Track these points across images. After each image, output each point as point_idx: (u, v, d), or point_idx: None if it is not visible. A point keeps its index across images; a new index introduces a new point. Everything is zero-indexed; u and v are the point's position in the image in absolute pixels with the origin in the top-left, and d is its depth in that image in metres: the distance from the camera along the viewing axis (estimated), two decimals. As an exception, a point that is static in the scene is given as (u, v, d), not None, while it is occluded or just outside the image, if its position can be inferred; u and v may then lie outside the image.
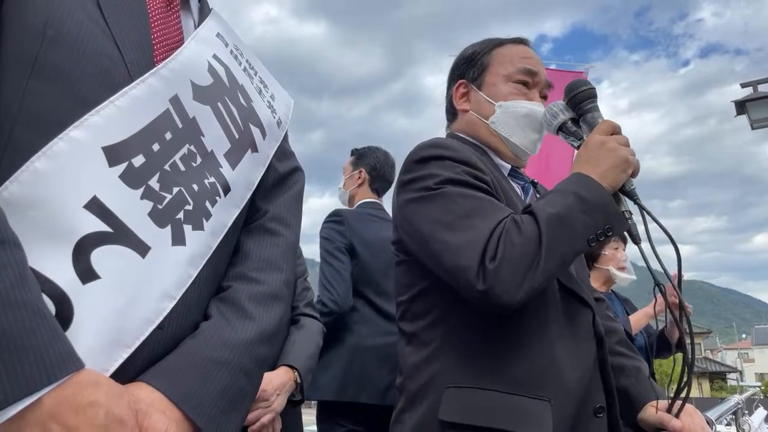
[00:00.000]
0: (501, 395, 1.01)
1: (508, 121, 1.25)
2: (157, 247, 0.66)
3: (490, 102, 1.28)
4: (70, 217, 0.59)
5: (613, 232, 1.01)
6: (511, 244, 0.96)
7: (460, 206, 1.04)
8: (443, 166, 1.10)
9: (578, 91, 1.14)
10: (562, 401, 1.01)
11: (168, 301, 0.67)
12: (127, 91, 0.67)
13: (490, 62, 1.31)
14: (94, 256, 0.60)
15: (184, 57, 0.75)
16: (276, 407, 1.47)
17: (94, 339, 0.59)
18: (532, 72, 1.28)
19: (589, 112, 1.13)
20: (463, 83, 1.34)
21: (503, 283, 0.94)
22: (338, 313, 2.18)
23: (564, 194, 1.01)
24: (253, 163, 0.84)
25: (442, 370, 1.07)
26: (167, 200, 0.69)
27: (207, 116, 0.76)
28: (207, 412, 0.65)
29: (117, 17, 0.71)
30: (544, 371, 1.03)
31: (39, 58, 0.62)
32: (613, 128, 1.08)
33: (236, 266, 0.81)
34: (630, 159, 1.04)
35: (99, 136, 0.63)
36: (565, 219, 0.98)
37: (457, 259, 0.99)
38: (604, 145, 1.05)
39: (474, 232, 0.99)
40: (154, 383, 0.63)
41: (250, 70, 0.90)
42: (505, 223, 1.00)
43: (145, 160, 0.67)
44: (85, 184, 0.61)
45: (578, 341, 1.09)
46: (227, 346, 0.70)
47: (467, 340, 1.07)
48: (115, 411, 0.54)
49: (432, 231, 1.05)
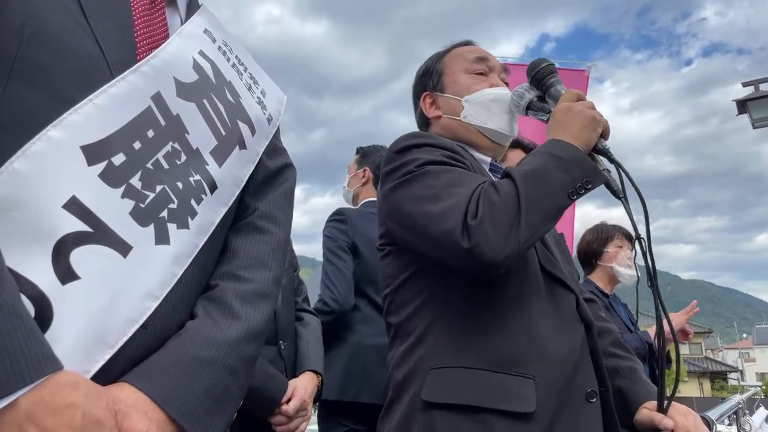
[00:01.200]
0: (483, 373, 1.01)
1: (478, 110, 1.28)
2: (139, 247, 0.65)
3: (456, 99, 1.32)
4: (49, 217, 0.58)
5: (592, 185, 1.03)
6: (490, 201, 0.98)
7: (441, 180, 1.06)
8: (423, 151, 1.13)
9: (538, 68, 1.19)
10: (547, 379, 1.01)
11: (151, 300, 0.67)
12: (107, 89, 0.66)
13: (444, 66, 1.38)
14: (73, 256, 0.59)
15: (166, 54, 0.74)
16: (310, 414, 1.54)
17: (74, 339, 0.58)
18: (483, 58, 1.34)
19: (552, 86, 1.18)
20: (427, 94, 1.39)
21: (488, 238, 0.95)
22: (339, 312, 2.17)
23: (538, 155, 1.05)
24: (242, 160, 0.83)
25: (426, 354, 1.08)
26: (150, 199, 0.68)
27: (192, 113, 0.75)
28: (191, 413, 0.64)
29: (99, 16, 0.70)
30: (525, 348, 1.03)
31: (17, 59, 0.61)
32: (578, 95, 1.12)
33: (224, 264, 0.80)
34: (597, 118, 1.07)
35: (77, 135, 0.62)
36: (541, 174, 1.00)
37: (440, 224, 1.00)
38: (571, 110, 1.09)
39: (455, 198, 1.02)
40: (136, 383, 0.63)
41: (240, 66, 0.89)
42: (482, 185, 1.02)
43: (125, 159, 0.66)
44: (63, 184, 0.60)
45: (562, 322, 1.10)
46: (213, 345, 0.69)
47: (449, 322, 1.08)
48: (92, 412, 0.54)
49: (416, 207, 1.07)
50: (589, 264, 2.95)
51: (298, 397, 1.48)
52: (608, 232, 2.90)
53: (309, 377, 1.58)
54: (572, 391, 1.04)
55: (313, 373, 1.60)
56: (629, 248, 2.92)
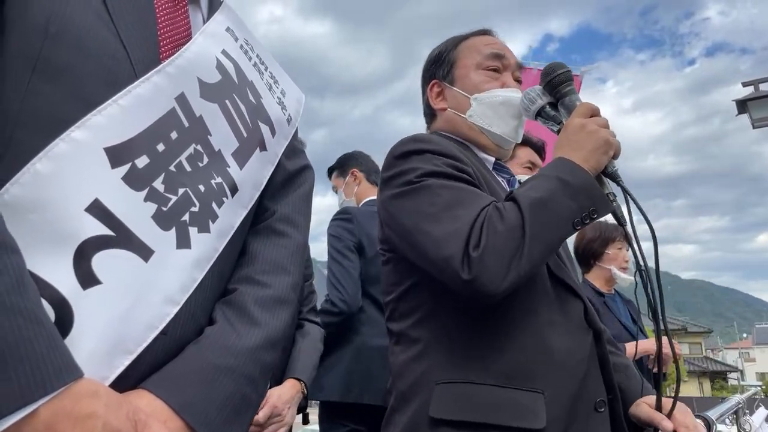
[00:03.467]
0: (491, 389, 0.99)
1: (486, 112, 1.24)
2: (160, 251, 0.64)
3: (464, 96, 1.27)
4: (72, 220, 0.58)
5: (598, 215, 1.00)
6: (494, 231, 0.94)
7: (442, 198, 1.03)
8: (423, 160, 1.09)
9: (555, 74, 1.13)
10: (556, 393, 0.99)
11: (172, 306, 0.65)
12: (131, 90, 0.65)
13: (457, 57, 1.31)
14: (95, 260, 0.58)
15: (190, 53, 0.73)
16: (289, 420, 1.52)
17: (94, 345, 0.57)
18: (499, 55, 1.28)
19: (567, 96, 1.12)
20: (435, 83, 1.34)
21: (488, 272, 0.92)
22: (348, 313, 2.16)
23: (546, 179, 1.00)
24: (262, 162, 0.81)
25: (432, 367, 1.05)
26: (172, 202, 0.66)
27: (214, 114, 0.74)
28: (210, 421, 0.63)
29: (123, 15, 0.69)
30: (534, 361, 1.00)
31: (41, 57, 0.60)
32: (592, 110, 1.07)
33: (242, 268, 0.79)
34: (611, 140, 1.03)
35: (101, 137, 0.61)
36: (548, 204, 0.96)
37: (440, 249, 0.97)
38: (584, 128, 1.04)
39: (457, 222, 0.98)
40: (155, 391, 0.62)
41: (261, 66, 0.87)
42: (487, 210, 0.99)
43: (149, 161, 0.65)
44: (86, 187, 0.59)
45: (571, 331, 1.07)
46: (232, 353, 0.68)
47: (455, 335, 1.05)
48: (113, 423, 0.53)
49: (415, 224, 1.04)
50: (586, 263, 2.90)
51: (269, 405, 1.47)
52: (610, 233, 2.84)
53: (290, 385, 1.58)
54: (582, 402, 1.02)
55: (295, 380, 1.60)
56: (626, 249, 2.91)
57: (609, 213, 1.03)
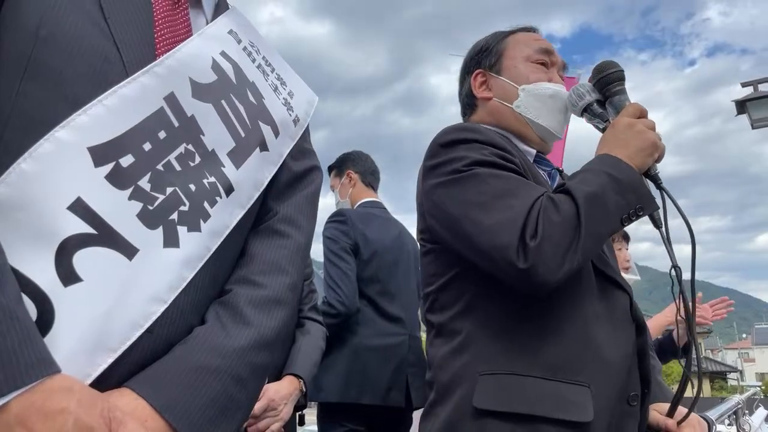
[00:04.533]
0: (537, 381, 0.98)
1: (534, 103, 1.22)
2: (146, 249, 0.64)
3: (512, 85, 1.24)
4: (54, 218, 0.58)
5: (644, 212, 1.01)
6: (550, 222, 0.94)
7: (492, 186, 1.02)
8: (471, 149, 1.08)
9: (607, 72, 1.12)
10: (602, 387, 0.98)
11: (158, 304, 0.65)
12: (117, 90, 0.65)
13: (505, 48, 1.30)
14: (76, 258, 0.59)
15: (182, 54, 0.73)
16: (284, 416, 1.51)
17: (76, 342, 0.57)
18: (549, 51, 1.27)
19: (617, 95, 1.12)
20: (480, 72, 1.31)
21: (545, 261, 0.92)
22: (346, 314, 2.17)
23: (595, 173, 1.00)
24: (263, 162, 0.81)
25: (474, 358, 1.04)
26: (159, 201, 0.67)
27: (208, 114, 0.74)
28: (193, 422, 0.63)
29: (119, 17, 0.69)
30: (580, 354, 1.00)
31: (32, 60, 0.61)
32: (641, 111, 1.08)
33: (240, 269, 0.79)
34: (658, 143, 1.04)
35: (85, 136, 0.62)
36: (600, 198, 0.96)
37: (494, 238, 0.97)
38: (633, 127, 1.04)
39: (510, 210, 0.97)
40: (138, 390, 0.61)
41: (266, 67, 0.87)
42: (541, 200, 0.98)
43: (134, 160, 0.65)
44: (69, 185, 0.60)
45: (615, 325, 1.06)
46: (219, 353, 0.68)
47: (499, 326, 1.04)
48: (84, 419, 0.52)
49: (464, 212, 1.02)
50: None
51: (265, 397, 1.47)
52: None
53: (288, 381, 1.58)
54: (622, 396, 1.02)
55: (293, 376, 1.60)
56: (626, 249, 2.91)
57: (654, 211, 1.04)
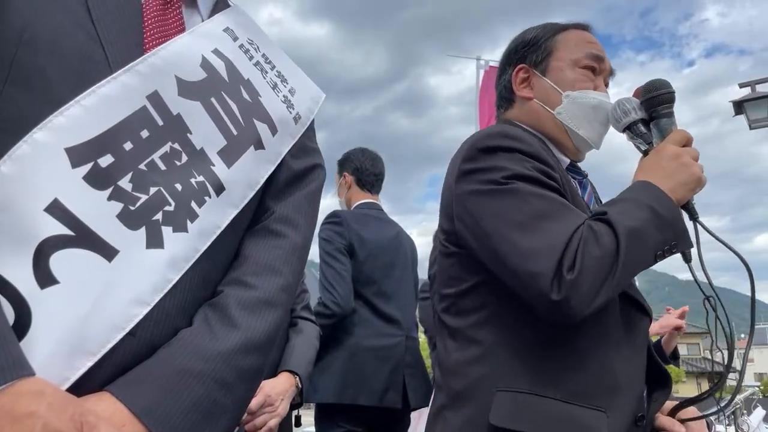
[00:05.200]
0: (556, 402, 0.97)
1: (576, 112, 1.17)
2: (127, 251, 0.63)
3: (557, 90, 1.18)
4: (32, 220, 0.58)
5: (677, 249, 0.99)
6: (591, 256, 0.91)
7: (532, 206, 0.98)
8: (512, 159, 1.03)
9: (658, 93, 1.07)
10: (617, 413, 0.98)
11: (140, 306, 0.64)
12: (95, 90, 0.64)
13: (554, 47, 1.22)
14: (53, 260, 0.58)
15: (167, 52, 0.72)
16: (281, 412, 1.50)
17: (53, 346, 0.57)
18: (600, 58, 1.21)
19: (665, 117, 1.08)
20: (523, 68, 1.24)
21: (580, 296, 0.90)
22: (341, 315, 2.17)
23: (638, 205, 0.98)
24: (258, 160, 0.79)
25: (493, 372, 1.02)
26: (141, 201, 0.65)
27: (196, 112, 0.73)
28: (174, 426, 0.61)
29: (105, 17, 0.69)
30: (601, 381, 0.99)
31: (15, 62, 0.61)
32: (687, 139, 1.05)
33: (233, 270, 0.77)
34: (702, 178, 1.02)
35: (62, 137, 0.61)
36: (642, 234, 0.94)
37: (529, 263, 0.94)
38: (679, 158, 1.02)
39: (549, 236, 0.94)
40: (117, 394, 0.60)
41: (266, 64, 0.86)
42: (582, 231, 0.95)
43: (114, 160, 0.64)
44: (46, 187, 0.59)
45: (634, 350, 1.06)
46: (203, 356, 0.66)
47: (521, 343, 1.02)
48: (54, 423, 0.52)
49: (499, 229, 0.99)
50: None
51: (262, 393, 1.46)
52: None
53: (283, 377, 1.57)
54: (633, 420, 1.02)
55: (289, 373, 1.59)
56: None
57: (688, 249, 1.01)
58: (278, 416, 1.49)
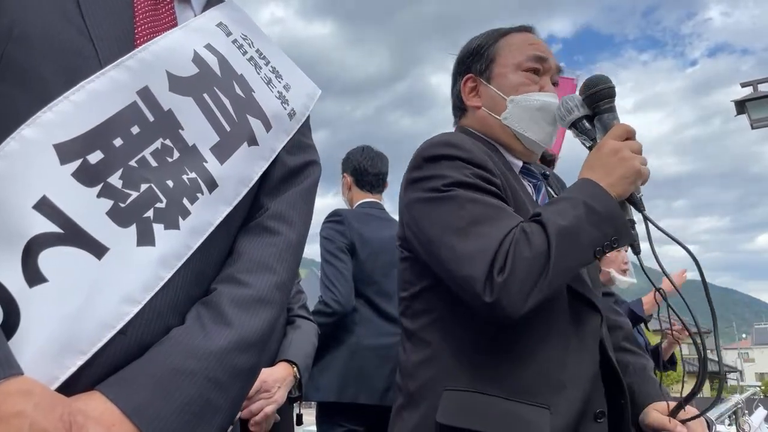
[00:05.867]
0: (499, 400, 0.99)
1: (522, 115, 1.19)
2: (117, 248, 0.62)
3: (501, 96, 1.22)
4: (20, 218, 0.57)
5: (618, 244, 1.00)
6: (521, 257, 0.94)
7: (469, 212, 1.01)
8: (453, 167, 1.07)
9: (598, 89, 1.09)
10: (563, 409, 0.99)
11: (131, 305, 0.63)
12: (84, 85, 0.63)
13: (497, 53, 1.25)
14: (41, 258, 0.57)
15: (158, 47, 0.71)
16: (278, 399, 1.49)
17: (42, 344, 0.56)
18: (542, 58, 1.23)
19: (606, 113, 1.09)
20: (470, 77, 1.28)
21: (510, 297, 0.93)
22: (341, 313, 2.17)
23: (573, 204, 1.00)
24: (251, 157, 0.78)
25: (441, 372, 1.06)
26: (132, 198, 0.64)
27: (187, 108, 0.72)
28: (165, 426, 0.60)
29: (96, 13, 0.68)
30: (545, 378, 1.01)
31: (4, 59, 0.61)
32: (628, 133, 1.06)
33: (227, 268, 0.76)
34: (642, 170, 1.02)
35: (51, 134, 0.60)
36: (574, 232, 0.96)
37: (464, 267, 0.97)
38: (618, 153, 1.03)
39: (482, 240, 0.97)
40: (107, 393, 0.59)
41: (260, 60, 0.85)
42: (514, 233, 0.97)
43: (103, 157, 0.63)
44: (35, 184, 0.59)
45: (583, 345, 1.07)
46: (195, 355, 0.65)
47: (466, 343, 1.05)
48: (41, 423, 0.51)
49: (439, 235, 1.03)
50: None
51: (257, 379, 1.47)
52: None
53: (281, 366, 1.56)
54: (585, 415, 1.03)
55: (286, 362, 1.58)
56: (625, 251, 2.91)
57: (630, 242, 1.02)
58: (275, 403, 1.47)
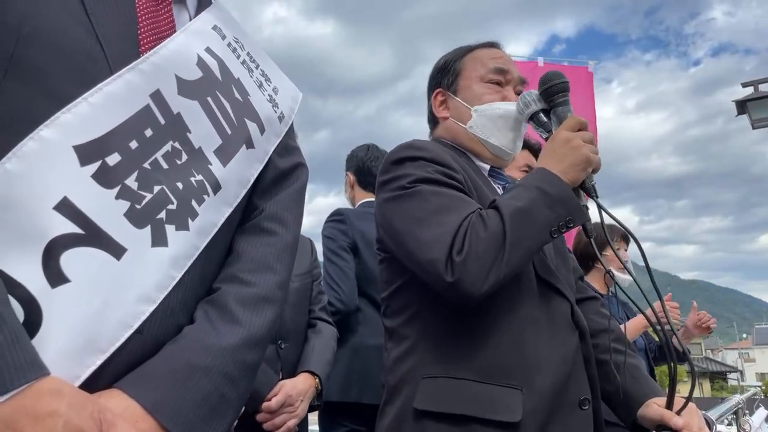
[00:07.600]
0: (471, 383, 1.05)
1: (486, 123, 1.29)
2: (134, 249, 0.64)
3: (466, 107, 1.32)
4: (40, 219, 0.58)
5: (573, 224, 1.06)
6: (477, 238, 1.00)
7: (431, 203, 1.09)
8: (417, 166, 1.15)
9: (552, 83, 1.17)
10: (535, 389, 1.04)
11: (147, 304, 0.65)
12: (102, 87, 0.64)
13: (462, 67, 1.36)
14: (63, 259, 0.58)
15: (167, 50, 0.72)
16: (300, 413, 1.51)
17: (64, 344, 0.57)
18: (503, 70, 1.32)
19: (560, 106, 1.17)
20: (440, 92, 1.39)
21: (470, 275, 0.98)
22: (345, 313, 2.16)
23: (527, 189, 1.07)
24: (249, 159, 0.81)
25: (418, 363, 1.12)
26: (147, 200, 0.66)
27: (194, 112, 0.73)
28: (185, 421, 0.62)
29: (101, 13, 0.69)
30: (513, 359, 1.06)
31: (14, 58, 0.60)
32: (580, 124, 1.13)
33: (228, 267, 0.78)
34: (591, 158, 1.09)
35: (70, 135, 0.61)
36: (528, 212, 1.02)
37: (426, 252, 1.04)
38: (569, 143, 1.10)
39: (442, 227, 1.04)
40: (128, 390, 0.61)
41: (251, 63, 0.87)
42: (471, 217, 1.04)
43: (121, 159, 0.65)
44: (55, 185, 0.59)
45: (554, 330, 1.12)
46: (210, 352, 0.67)
47: (440, 333, 1.11)
48: (75, 421, 0.52)
49: (406, 227, 1.10)
50: (585, 265, 2.93)
51: (283, 392, 1.46)
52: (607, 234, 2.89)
53: (303, 377, 1.57)
54: (564, 400, 1.07)
55: (309, 374, 1.59)
56: (625, 249, 2.92)
57: (584, 222, 1.09)
58: (297, 417, 1.49)
